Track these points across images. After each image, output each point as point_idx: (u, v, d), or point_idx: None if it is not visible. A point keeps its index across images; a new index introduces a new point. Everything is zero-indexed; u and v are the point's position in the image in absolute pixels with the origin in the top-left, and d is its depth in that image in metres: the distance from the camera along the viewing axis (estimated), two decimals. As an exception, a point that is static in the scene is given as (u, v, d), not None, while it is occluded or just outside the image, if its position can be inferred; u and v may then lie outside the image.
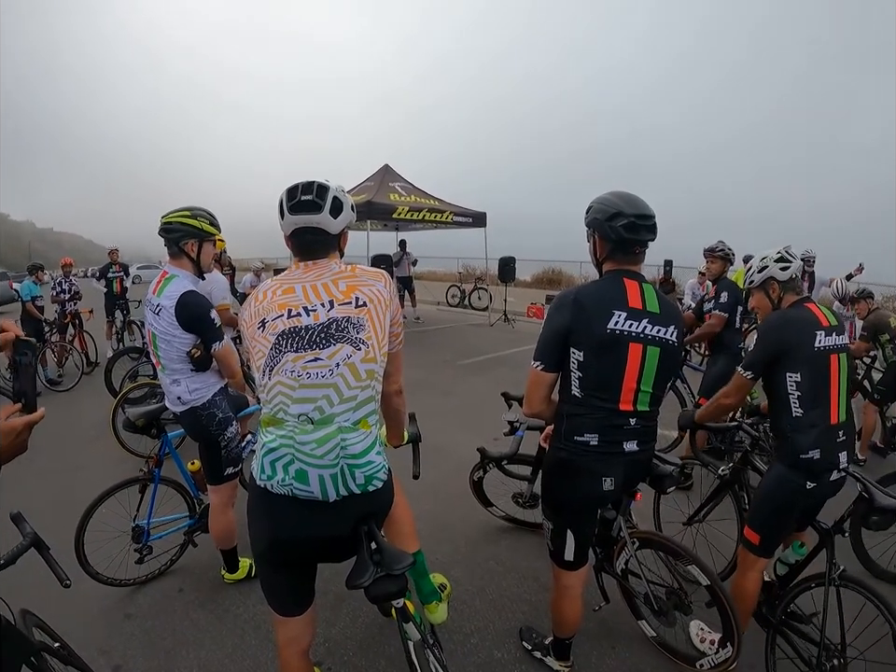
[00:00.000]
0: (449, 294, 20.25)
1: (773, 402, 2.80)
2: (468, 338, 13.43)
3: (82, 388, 8.51)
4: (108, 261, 10.52)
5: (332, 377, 1.78)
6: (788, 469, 2.67)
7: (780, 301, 2.87)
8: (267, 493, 1.83)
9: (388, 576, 1.75)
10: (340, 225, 2.00)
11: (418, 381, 8.68)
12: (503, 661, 2.94)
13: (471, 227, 14.72)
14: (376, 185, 13.56)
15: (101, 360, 9.38)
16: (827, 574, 2.59)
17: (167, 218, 3.12)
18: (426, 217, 13.15)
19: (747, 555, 2.85)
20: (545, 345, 2.35)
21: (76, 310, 9.78)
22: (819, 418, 2.61)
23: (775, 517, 2.75)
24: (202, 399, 3.17)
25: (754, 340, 2.86)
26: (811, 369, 2.62)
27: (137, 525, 3.44)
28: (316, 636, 3.02)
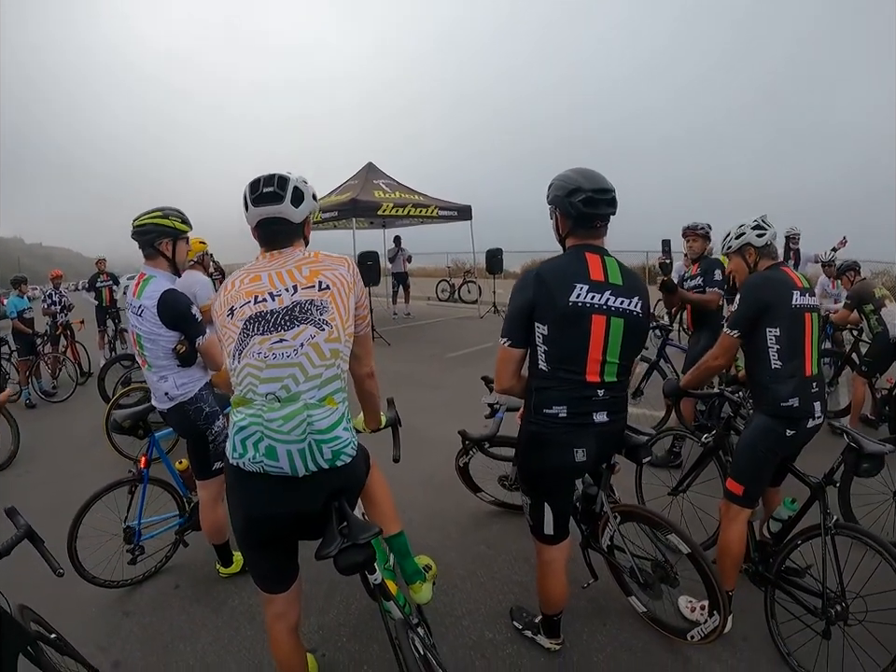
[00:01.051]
0: (439, 289, 20.36)
1: (752, 358, 2.92)
2: (457, 331, 13.50)
3: (77, 398, 8.53)
4: (96, 271, 10.54)
5: (297, 357, 1.84)
6: (769, 418, 2.81)
7: (756, 266, 3.03)
8: (240, 471, 1.90)
9: (354, 546, 1.80)
10: (302, 214, 2.08)
11: (408, 375, 8.77)
12: (494, 641, 2.98)
13: (457, 220, 14.76)
14: (360, 183, 13.60)
15: (94, 370, 9.38)
16: (823, 524, 2.69)
17: (140, 221, 3.17)
18: (411, 213, 13.21)
19: (730, 507, 2.94)
20: (511, 322, 2.40)
21: (67, 321, 9.80)
22: (797, 369, 2.79)
23: (757, 466, 2.88)
24: (189, 393, 3.22)
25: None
26: (789, 324, 2.80)
27: (128, 526, 3.47)
28: (310, 623, 3.10)
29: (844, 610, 2.63)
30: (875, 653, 2.57)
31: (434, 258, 24.97)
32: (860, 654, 2.62)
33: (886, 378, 5.93)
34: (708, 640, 2.69)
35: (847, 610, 2.63)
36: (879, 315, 5.63)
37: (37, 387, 8.61)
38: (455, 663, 2.80)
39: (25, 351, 8.63)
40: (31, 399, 8.37)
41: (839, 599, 2.64)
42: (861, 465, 2.72)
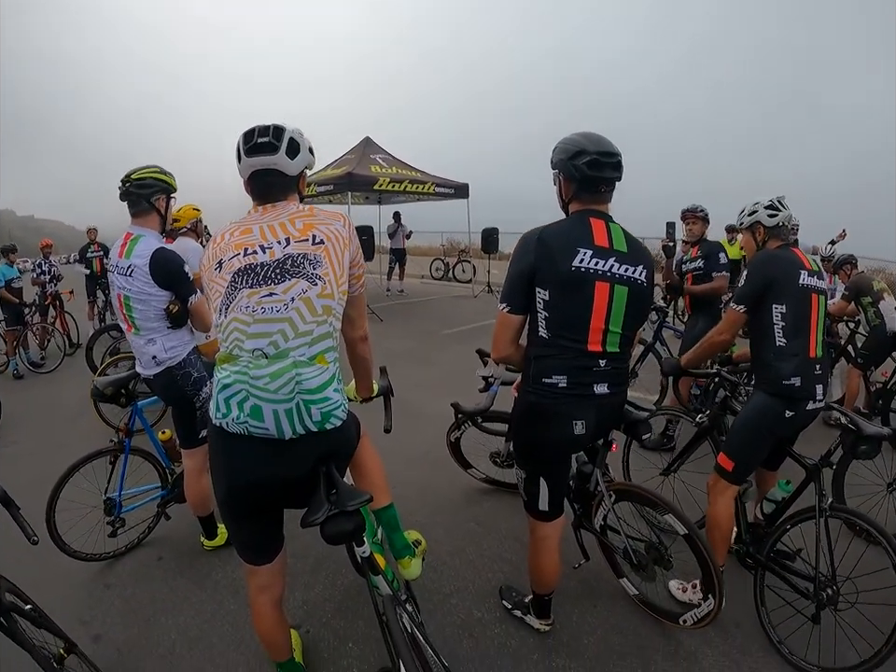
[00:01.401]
0: (433, 267, 20.26)
1: (757, 334, 2.90)
2: (451, 309, 13.46)
3: (65, 369, 8.42)
4: (87, 241, 10.42)
5: (287, 311, 1.75)
6: (769, 396, 2.79)
7: (765, 245, 2.99)
8: (223, 432, 1.81)
9: (342, 513, 1.71)
10: (297, 166, 2.00)
11: (402, 351, 8.73)
12: (483, 620, 2.93)
13: (454, 198, 14.68)
14: (357, 157, 13.50)
15: (83, 341, 9.26)
16: (817, 506, 2.67)
17: (139, 174, 3.08)
18: (407, 189, 13.10)
19: (718, 481, 2.93)
20: (511, 287, 2.32)
21: (56, 291, 9.65)
22: (800, 348, 2.77)
23: (752, 444, 2.86)
24: (177, 357, 3.13)
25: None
26: (795, 302, 2.78)
27: (109, 497, 3.40)
28: (295, 598, 3.05)
29: (835, 594, 2.62)
30: (868, 637, 2.54)
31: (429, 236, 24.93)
32: (852, 638, 2.61)
33: (881, 371, 5.95)
34: (702, 625, 2.65)
35: (838, 594, 2.62)
36: (877, 307, 5.63)
37: (25, 358, 8.49)
38: (442, 641, 2.75)
39: (13, 321, 8.51)
40: (18, 370, 8.28)
41: (830, 583, 2.64)
42: (858, 446, 2.70)
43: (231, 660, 2.69)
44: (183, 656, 2.72)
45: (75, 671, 2.21)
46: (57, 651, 2.15)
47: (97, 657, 2.53)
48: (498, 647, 2.76)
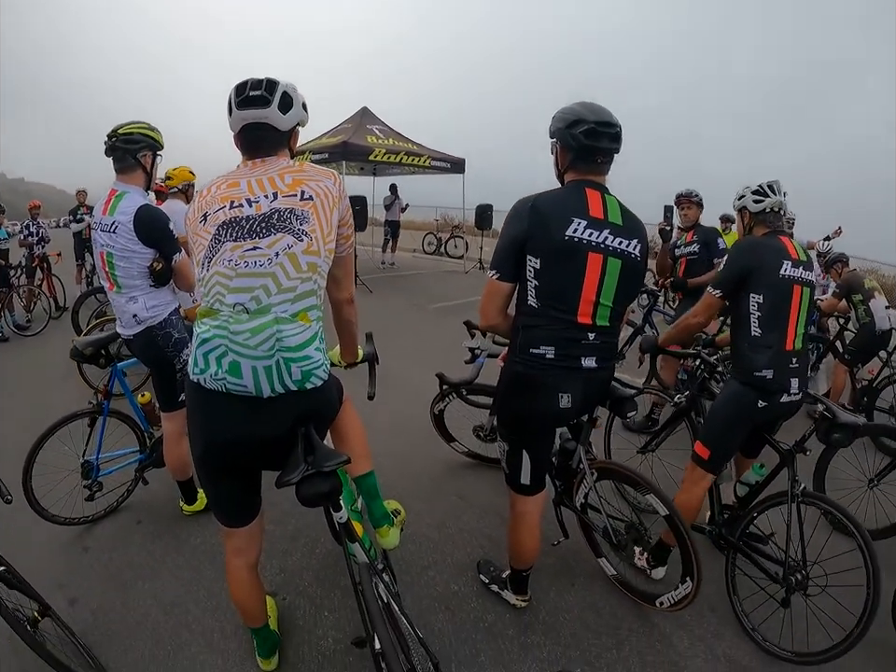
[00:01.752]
0: (425, 242, 20.21)
1: (734, 322, 2.89)
2: (441, 284, 13.44)
3: (50, 332, 8.31)
4: (76, 204, 10.30)
5: (271, 266, 1.71)
6: (742, 385, 2.79)
7: (751, 231, 2.96)
8: (201, 388, 1.77)
9: (319, 474, 1.68)
10: (290, 122, 1.94)
11: (390, 323, 8.73)
12: (460, 594, 2.93)
13: (450, 172, 14.65)
14: (353, 127, 13.36)
15: (70, 304, 9.18)
16: (790, 491, 2.69)
17: (127, 129, 3.02)
18: (403, 161, 13.02)
19: (694, 470, 2.94)
20: (501, 254, 2.28)
21: (44, 253, 9.50)
22: (775, 341, 2.74)
23: (726, 432, 2.86)
24: (158, 317, 3.09)
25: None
26: (774, 293, 2.73)
27: (86, 460, 3.36)
28: (273, 566, 3.04)
29: (804, 579, 2.65)
30: (841, 621, 2.57)
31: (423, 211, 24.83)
32: (824, 622, 2.64)
33: (867, 369, 6.00)
34: (678, 607, 2.66)
35: (808, 579, 2.65)
36: (867, 306, 5.65)
37: (10, 320, 8.36)
38: (418, 613, 2.75)
39: (-1, 283, 8.40)
40: (3, 333, 8.12)
41: (800, 567, 2.66)
42: (832, 434, 2.73)
43: (206, 626, 2.68)
44: (158, 621, 2.71)
45: (49, 634, 2.19)
46: (31, 615, 2.13)
47: (72, 620, 2.52)
48: (474, 621, 2.77)
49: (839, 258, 6.52)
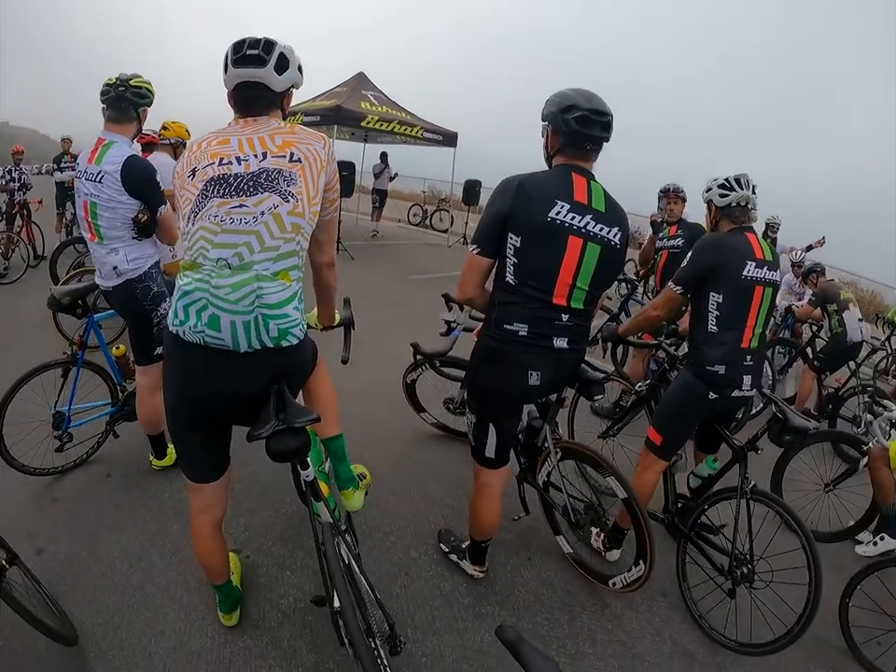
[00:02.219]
0: (411, 213, 20.00)
1: (693, 315, 2.93)
2: (424, 256, 13.41)
3: (27, 280, 8.14)
4: (60, 151, 10.11)
5: (256, 224, 1.74)
6: (693, 377, 2.85)
7: (717, 225, 2.97)
8: (179, 340, 1.80)
9: (289, 430, 1.73)
10: (284, 83, 1.96)
11: (368, 291, 8.73)
12: (419, 561, 3.01)
13: (441, 145, 14.52)
14: (348, 91, 13.17)
15: (48, 254, 9.06)
16: (740, 487, 2.77)
17: (138, 82, 3.05)
18: (395, 129, 12.91)
19: (647, 455, 3.02)
20: (483, 229, 2.32)
21: (24, 200, 9.29)
22: (731, 339, 2.78)
23: (677, 420, 2.94)
24: (139, 269, 3.09)
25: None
26: (734, 294, 2.76)
27: (58, 411, 3.36)
28: (238, 524, 3.09)
29: (750, 573, 2.73)
30: (783, 616, 2.67)
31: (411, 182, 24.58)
32: (767, 616, 2.75)
33: (834, 378, 6.14)
34: (630, 589, 2.75)
35: (753, 573, 2.74)
36: (841, 316, 5.77)
37: (-13, 267, 8.27)
38: (378, 577, 2.81)
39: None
40: (-21, 279, 8.02)
41: (747, 562, 2.75)
42: (783, 436, 2.80)
43: (170, 579, 2.72)
44: (123, 573, 2.74)
45: (16, 583, 2.19)
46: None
47: (39, 570, 2.54)
48: (432, 588, 2.85)
49: (814, 267, 6.65)
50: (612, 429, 3.71)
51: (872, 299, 17.31)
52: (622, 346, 5.90)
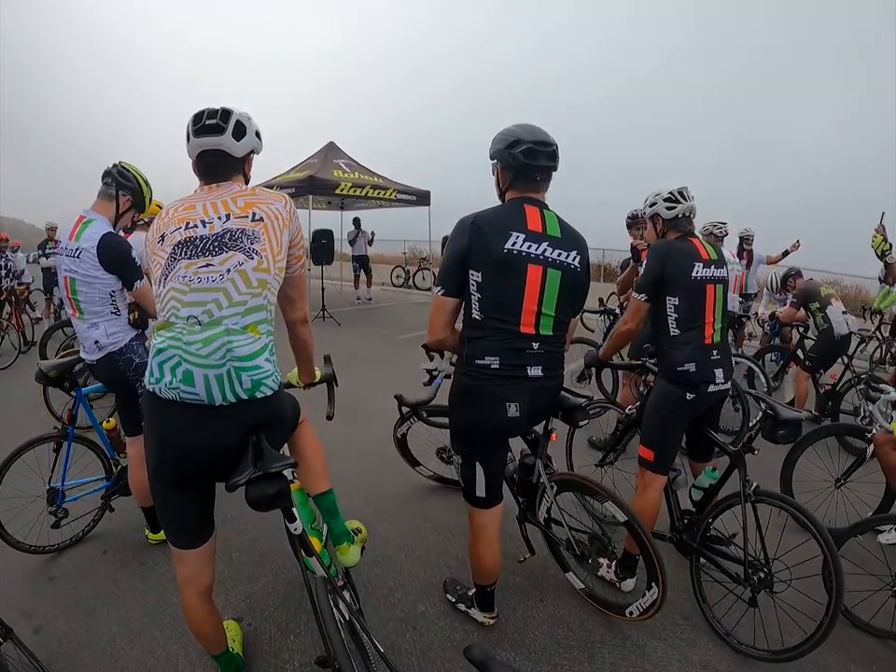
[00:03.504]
0: (393, 275, 20.61)
1: (655, 324, 3.03)
2: (410, 315, 13.52)
3: (18, 366, 8.17)
4: (45, 238, 10.25)
5: (222, 282, 1.80)
6: (668, 382, 2.92)
7: (664, 235, 3.10)
8: (156, 398, 1.82)
9: (266, 476, 1.72)
10: (243, 149, 2.05)
11: (357, 354, 8.82)
12: (427, 614, 2.92)
13: (415, 205, 14.86)
14: (320, 161, 13.52)
15: (37, 339, 9.09)
16: (742, 491, 2.75)
17: (129, 168, 3.21)
18: (369, 194, 13.18)
19: (644, 473, 3.01)
20: (445, 270, 2.37)
21: (12, 287, 9.42)
22: (693, 338, 2.90)
23: (663, 430, 2.96)
24: (119, 343, 3.15)
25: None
26: (688, 294, 2.90)
27: (52, 487, 3.34)
28: (238, 592, 3.03)
29: (767, 577, 2.68)
30: (812, 613, 2.61)
31: (391, 244, 25.30)
32: (795, 617, 2.70)
33: (829, 374, 6.12)
34: (648, 615, 2.66)
35: (772, 576, 2.68)
36: (825, 312, 5.79)
37: (-24, 354, 8.29)
38: (385, 635, 2.74)
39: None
40: (-31, 366, 8.03)
41: (762, 566, 2.70)
42: (777, 431, 2.78)
43: (171, 652, 2.65)
44: (123, 648, 2.68)
45: (11, 658, 2.18)
46: None
47: (37, 648, 2.49)
48: (442, 640, 2.76)
49: (789, 272, 6.71)
50: (609, 457, 3.70)
51: (857, 294, 17.68)
52: (611, 375, 5.89)
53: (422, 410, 3.76)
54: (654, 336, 3.07)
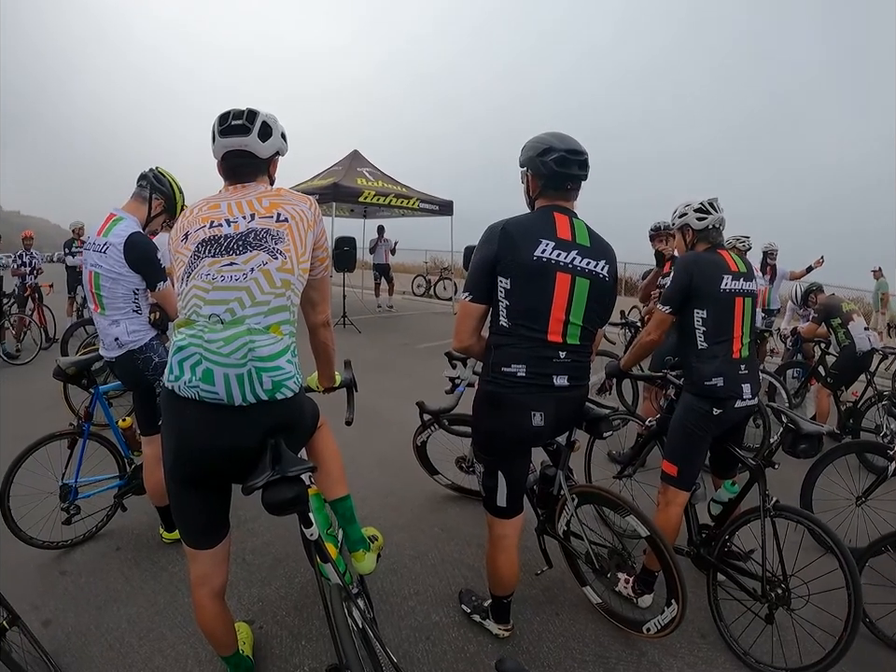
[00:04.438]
0: (415, 284, 20.68)
1: (681, 337, 2.99)
2: (430, 324, 13.55)
3: (39, 362, 8.26)
4: (71, 237, 10.35)
5: (246, 281, 1.78)
6: (695, 397, 2.87)
7: (693, 247, 3.07)
8: (174, 396, 1.81)
9: (284, 479, 1.68)
10: (268, 150, 2.05)
11: (377, 362, 8.80)
12: (440, 624, 2.88)
13: (438, 215, 14.85)
14: (344, 169, 13.60)
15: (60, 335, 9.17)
16: (762, 506, 2.71)
17: (164, 172, 3.28)
18: (392, 203, 13.21)
19: (667, 489, 2.95)
20: (473, 276, 2.34)
21: (36, 283, 9.56)
22: (721, 351, 2.85)
23: (688, 445, 2.90)
24: (139, 341, 3.15)
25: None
26: (716, 307, 2.86)
27: (65, 483, 3.34)
28: (251, 594, 3.00)
29: (785, 593, 2.64)
30: (830, 629, 2.56)
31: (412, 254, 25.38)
32: (813, 633, 2.67)
33: (851, 391, 6.02)
34: (665, 633, 2.60)
35: (789, 592, 2.64)
36: (847, 328, 5.68)
37: (0, 349, 8.38)
38: (398, 644, 2.70)
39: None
40: (-8, 359, 8.13)
41: (780, 582, 2.66)
42: (798, 445, 2.75)
43: (180, 652, 2.63)
44: (132, 646, 2.66)
45: (17, 646, 2.17)
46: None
47: (45, 640, 2.49)
48: (455, 651, 2.70)
49: (811, 287, 6.63)
50: (627, 469, 3.65)
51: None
52: (632, 388, 5.82)
53: (444, 418, 3.73)
54: (680, 349, 3.03)
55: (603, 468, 4.30)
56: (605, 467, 4.50)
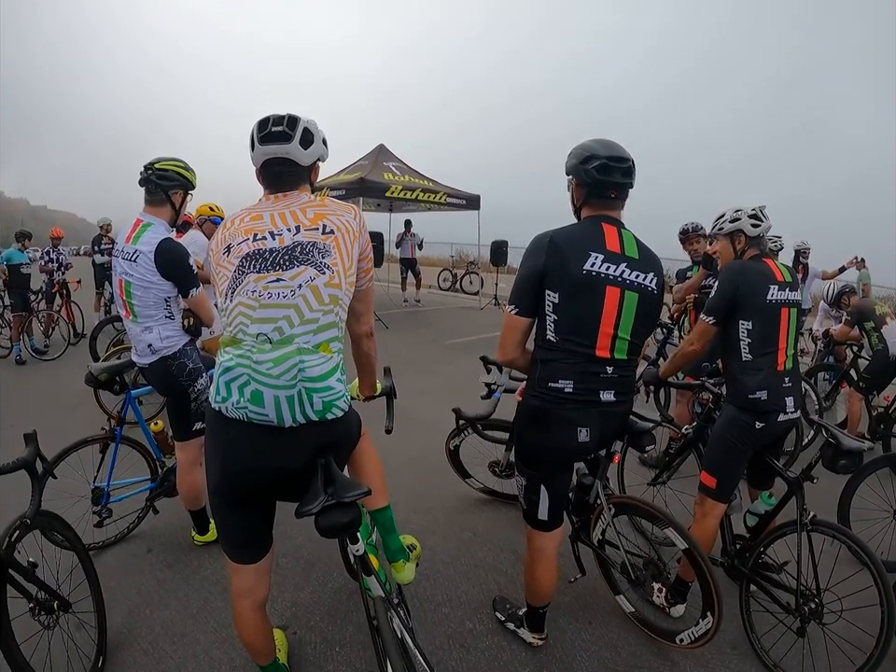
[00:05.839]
0: (441, 278, 20.41)
1: (725, 348, 2.93)
2: (457, 320, 13.47)
3: (67, 358, 8.39)
4: (99, 234, 10.42)
5: (294, 298, 1.73)
6: (738, 409, 2.84)
7: (743, 254, 2.99)
8: (222, 417, 1.77)
9: (339, 504, 1.66)
10: (310, 157, 1.99)
11: (405, 359, 8.71)
12: (475, 631, 2.86)
13: (465, 209, 14.71)
14: (370, 164, 13.50)
15: (88, 332, 9.25)
16: (799, 520, 2.67)
17: (162, 165, 3.12)
18: (419, 197, 13.15)
19: (704, 501, 2.92)
20: (520, 289, 2.29)
21: (63, 280, 9.66)
22: (766, 363, 2.80)
23: (728, 458, 2.87)
24: (173, 347, 3.12)
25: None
26: (762, 318, 2.80)
27: (97, 486, 3.35)
28: (284, 599, 3.00)
29: (819, 607, 2.60)
30: (862, 644, 2.54)
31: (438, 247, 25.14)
32: (845, 648, 2.62)
33: (883, 396, 5.90)
34: (698, 644, 2.58)
35: (823, 608, 2.60)
36: (880, 332, 5.56)
37: (28, 344, 8.50)
38: (432, 650, 2.69)
39: (19, 307, 8.53)
40: (21, 356, 8.26)
41: (814, 596, 2.63)
42: (838, 461, 2.71)
43: (214, 657, 2.63)
44: (165, 650, 2.66)
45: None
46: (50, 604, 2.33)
47: (79, 644, 2.51)
48: (489, 659, 2.69)
49: (843, 289, 6.51)
50: (662, 476, 3.61)
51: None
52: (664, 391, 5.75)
53: (479, 424, 3.71)
54: (724, 360, 2.98)
55: (636, 472, 4.27)
56: (637, 472, 4.48)
